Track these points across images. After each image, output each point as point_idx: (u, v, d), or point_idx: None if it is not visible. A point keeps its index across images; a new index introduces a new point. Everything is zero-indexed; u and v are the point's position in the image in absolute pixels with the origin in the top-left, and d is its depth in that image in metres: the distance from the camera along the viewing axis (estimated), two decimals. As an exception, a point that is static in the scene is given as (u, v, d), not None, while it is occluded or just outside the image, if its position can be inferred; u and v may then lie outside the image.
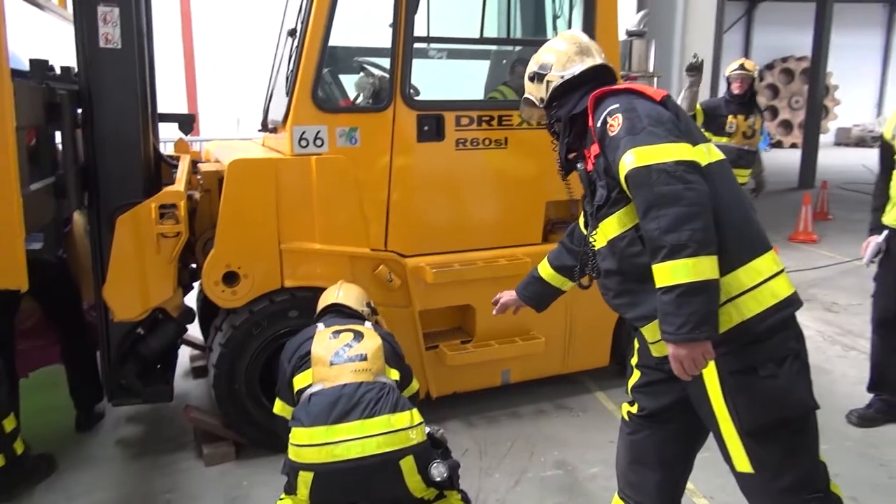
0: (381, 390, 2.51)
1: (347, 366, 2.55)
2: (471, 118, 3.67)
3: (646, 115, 1.93)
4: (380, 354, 2.63)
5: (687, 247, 1.77)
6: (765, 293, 1.91)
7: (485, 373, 3.90)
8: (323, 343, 2.65)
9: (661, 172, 1.82)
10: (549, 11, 4.65)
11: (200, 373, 4.47)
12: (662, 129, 1.90)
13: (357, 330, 2.71)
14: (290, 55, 3.60)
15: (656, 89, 2.08)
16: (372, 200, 3.55)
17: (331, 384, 2.51)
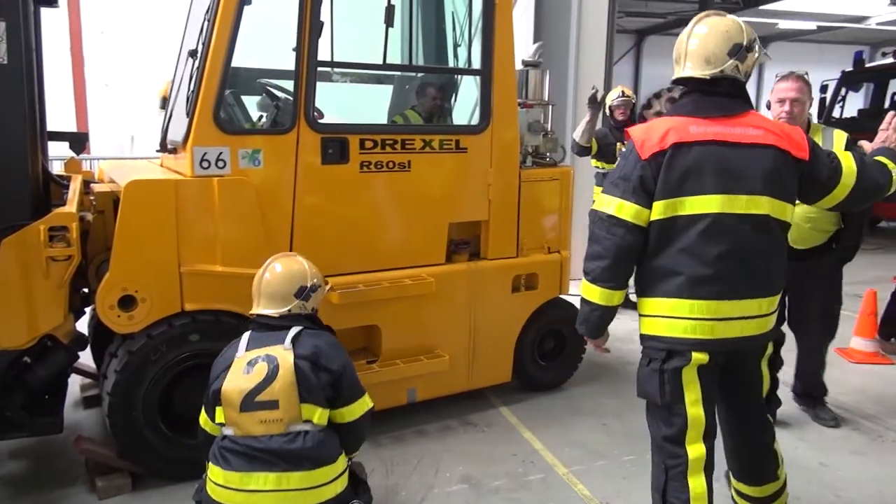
0: (295, 441, 2.36)
1: (257, 415, 2.37)
2: (375, 141, 3.74)
3: (622, 168, 2.41)
4: (293, 397, 2.38)
5: (589, 275, 2.47)
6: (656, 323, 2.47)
7: (391, 392, 3.94)
8: (235, 380, 2.44)
9: (598, 218, 2.45)
10: (449, 40, 4.83)
11: (92, 402, 4.26)
12: (621, 186, 2.39)
13: (273, 358, 2.44)
14: (191, 75, 3.56)
15: (661, 140, 2.32)
16: (276, 222, 3.55)
17: (241, 433, 2.39)
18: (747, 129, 2.36)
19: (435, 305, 4.00)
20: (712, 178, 2.30)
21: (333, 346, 2.57)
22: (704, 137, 2.32)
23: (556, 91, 5.64)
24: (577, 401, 4.52)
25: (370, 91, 5.14)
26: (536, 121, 4.43)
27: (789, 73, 3.70)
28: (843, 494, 3.43)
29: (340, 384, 2.49)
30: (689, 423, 2.41)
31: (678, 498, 2.42)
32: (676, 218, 2.33)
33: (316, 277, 2.70)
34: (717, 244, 2.32)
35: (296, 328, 2.55)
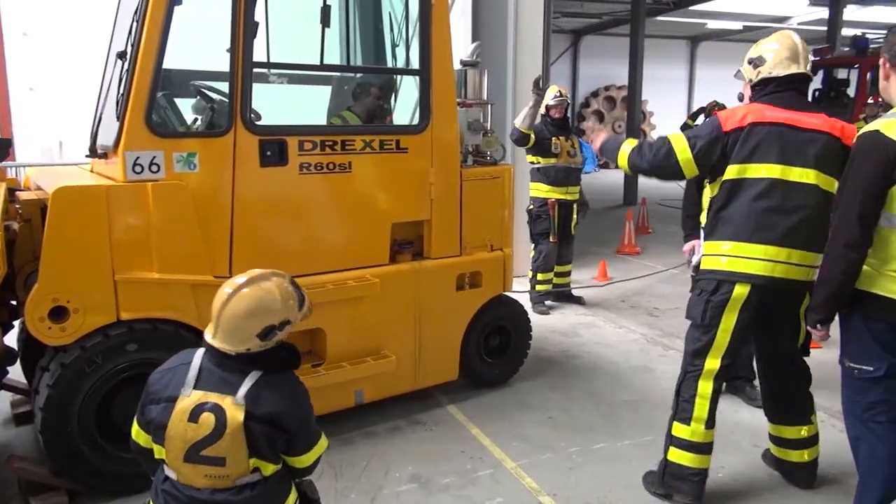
0: (241, 494, 2.14)
1: (201, 469, 2.11)
2: (314, 143, 3.71)
3: (702, 129, 3.18)
4: (241, 455, 2.11)
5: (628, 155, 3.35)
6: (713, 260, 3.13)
7: (338, 394, 3.92)
8: (179, 427, 2.10)
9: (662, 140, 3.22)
10: (387, 41, 4.83)
11: (24, 419, 4.08)
12: (691, 139, 3.11)
13: (221, 412, 2.09)
14: (121, 78, 3.45)
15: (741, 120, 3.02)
16: (214, 226, 3.47)
17: (184, 481, 2.15)
18: (811, 118, 3.01)
19: (380, 306, 3.99)
20: (776, 151, 2.95)
21: (293, 399, 2.20)
22: (776, 120, 2.97)
23: (494, 90, 5.71)
24: (524, 396, 4.59)
25: (309, 92, 5.08)
26: (476, 120, 4.47)
27: None
28: (776, 472, 3.57)
29: (296, 440, 2.21)
30: (714, 343, 3.11)
31: (687, 391, 3.20)
32: (744, 179, 2.99)
33: (288, 312, 2.20)
34: (769, 201, 2.95)
35: (254, 374, 2.13)
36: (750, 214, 2.98)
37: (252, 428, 2.09)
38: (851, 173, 2.54)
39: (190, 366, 2.15)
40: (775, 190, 2.95)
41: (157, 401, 2.15)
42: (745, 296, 3.01)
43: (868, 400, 2.63)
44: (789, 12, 19.64)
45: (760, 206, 2.97)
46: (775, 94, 3.06)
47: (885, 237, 2.50)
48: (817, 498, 3.38)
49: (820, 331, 2.75)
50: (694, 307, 3.17)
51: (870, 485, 2.68)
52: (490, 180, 4.42)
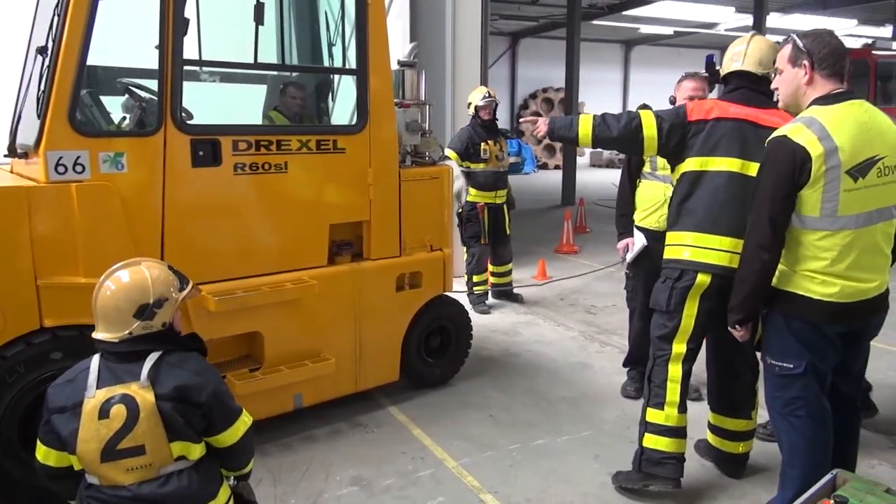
0: (168, 483, 2.12)
1: (122, 463, 2.08)
2: (249, 142, 3.63)
3: (669, 112, 3.30)
4: (160, 440, 2.09)
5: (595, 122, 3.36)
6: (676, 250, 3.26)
7: (276, 399, 3.85)
8: (90, 427, 2.07)
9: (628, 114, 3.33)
10: (324, 40, 4.78)
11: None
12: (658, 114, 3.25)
13: (131, 399, 2.08)
14: (41, 74, 3.30)
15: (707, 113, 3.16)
16: (144, 229, 3.36)
17: (107, 483, 2.10)
18: (771, 116, 3.10)
19: (318, 308, 3.94)
20: (738, 146, 3.09)
21: (199, 374, 2.19)
22: (739, 116, 3.11)
23: (432, 91, 5.72)
24: (465, 395, 4.61)
25: (244, 91, 4.98)
26: (414, 120, 4.47)
27: (692, 73, 4.30)
28: (707, 463, 3.70)
29: (211, 415, 2.18)
30: (680, 328, 3.21)
31: (658, 376, 3.29)
32: (706, 172, 3.13)
33: (162, 289, 2.22)
34: (730, 194, 3.07)
35: (153, 356, 2.14)
36: (712, 207, 3.10)
37: (163, 407, 2.08)
38: (762, 177, 2.64)
39: (88, 370, 2.14)
40: (735, 183, 3.07)
41: (62, 410, 2.11)
42: (706, 284, 3.12)
43: (788, 395, 2.73)
44: (717, 18, 20.37)
45: (721, 198, 3.09)
46: (738, 91, 3.20)
47: (796, 237, 2.61)
48: (747, 485, 3.51)
49: (740, 331, 2.80)
50: (659, 294, 3.28)
51: (790, 474, 2.80)
52: (429, 180, 4.43)
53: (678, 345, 3.24)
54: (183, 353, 2.23)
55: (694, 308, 3.18)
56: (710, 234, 3.11)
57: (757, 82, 3.19)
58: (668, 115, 3.22)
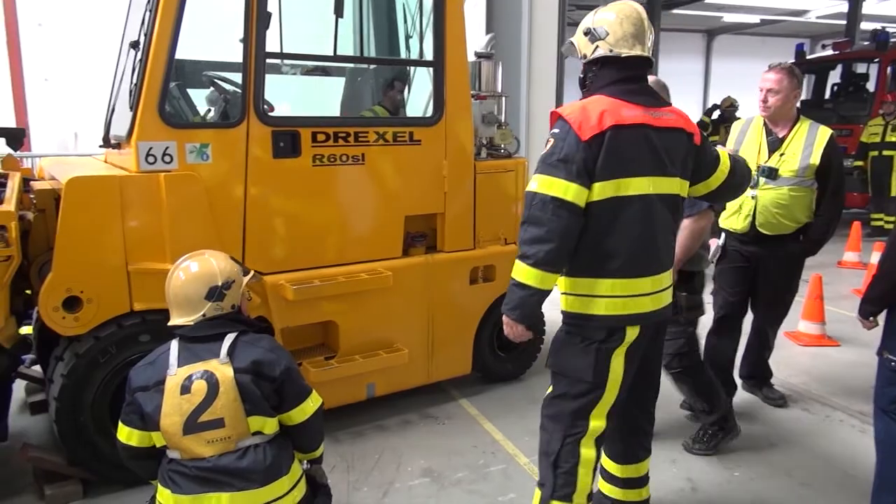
0: (245, 457, 2.23)
1: (203, 436, 2.21)
2: (327, 134, 3.68)
3: (562, 151, 2.36)
4: (238, 413, 2.22)
5: (530, 258, 2.38)
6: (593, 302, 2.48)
7: (350, 387, 3.91)
8: (173, 402, 2.22)
9: (540, 201, 2.36)
10: (401, 32, 4.79)
11: (39, 408, 4.10)
12: (563, 168, 2.34)
13: (211, 374, 2.23)
14: (134, 68, 3.44)
15: (600, 121, 2.35)
16: (227, 217, 3.47)
17: (188, 456, 2.23)
18: (663, 112, 2.50)
19: (392, 299, 3.97)
20: (647, 161, 2.43)
21: (272, 351, 2.35)
22: (637, 120, 2.40)
23: (509, 83, 5.66)
24: (536, 390, 4.55)
25: (323, 83, 5.06)
26: (490, 112, 4.43)
27: (775, 64, 3.88)
28: (795, 473, 3.53)
29: (283, 390, 2.32)
30: (602, 400, 2.54)
31: (567, 461, 2.56)
32: (615, 199, 2.40)
33: (228, 273, 2.40)
34: (647, 223, 2.45)
35: (230, 336, 2.31)
36: (631, 243, 2.43)
37: (241, 380, 2.24)
38: None
39: (169, 352, 2.31)
40: (648, 208, 2.44)
41: (144, 388, 2.28)
42: (635, 338, 2.51)
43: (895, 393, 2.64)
44: (807, 5, 19.40)
45: (638, 230, 2.43)
46: (620, 84, 2.45)
47: None
48: (839, 497, 3.33)
49: (871, 322, 2.82)
50: (574, 359, 2.53)
51: (888, 476, 2.67)
52: (504, 173, 4.39)
53: (597, 420, 2.55)
54: (255, 333, 2.41)
55: (620, 371, 2.52)
56: (637, 277, 2.46)
57: (645, 68, 2.52)
58: (567, 153, 2.34)
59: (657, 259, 2.51)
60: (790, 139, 3.83)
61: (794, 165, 3.78)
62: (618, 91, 2.43)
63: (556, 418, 2.60)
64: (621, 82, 2.45)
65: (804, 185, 3.81)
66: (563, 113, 2.42)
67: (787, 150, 3.82)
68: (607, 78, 2.46)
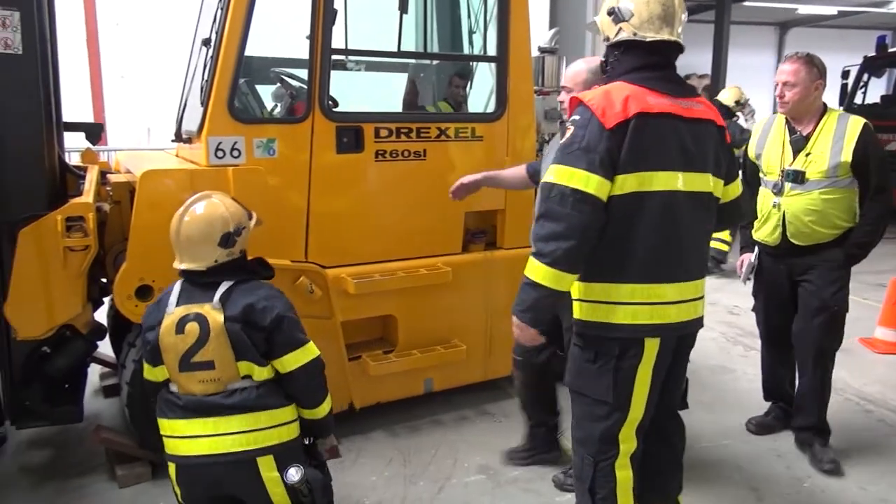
0: (232, 397, 2.33)
1: (195, 375, 2.33)
2: (389, 130, 3.71)
3: (583, 139, 2.18)
4: (228, 357, 2.31)
5: (546, 257, 2.19)
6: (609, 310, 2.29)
7: (407, 382, 3.93)
8: (169, 340, 2.34)
9: (559, 193, 2.18)
10: (465, 27, 4.78)
11: (111, 392, 4.29)
12: (585, 158, 2.16)
13: (203, 318, 2.31)
14: (205, 65, 3.55)
15: (625, 108, 2.16)
16: (291, 211, 3.53)
17: (182, 391, 2.37)
18: (693, 103, 2.32)
19: (451, 295, 3.97)
20: (675, 154, 2.24)
21: (267, 300, 2.36)
22: (664, 109, 2.22)
23: (572, 78, 5.57)
24: (595, 391, 4.48)
25: (385, 79, 5.10)
26: (553, 108, 4.38)
27: (791, 55, 3.48)
28: (870, 489, 3.37)
29: (273, 338, 2.35)
30: (628, 420, 2.35)
31: (604, 487, 2.39)
32: (637, 195, 2.20)
33: (239, 217, 2.44)
34: (672, 223, 2.24)
35: (226, 284, 2.36)
36: (656, 245, 2.23)
37: (230, 328, 2.30)
38: None
39: (171, 292, 2.42)
40: (674, 206, 2.23)
41: (151, 328, 2.41)
42: (656, 351, 2.31)
43: None
44: (890, -5, 18.44)
45: (661, 231, 2.23)
46: (644, 71, 2.26)
47: None
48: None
49: None
50: (590, 379, 2.34)
51: None
52: (566, 170, 4.32)
53: (627, 442, 2.38)
54: (255, 282, 2.44)
55: (646, 388, 2.32)
56: (661, 283, 2.26)
57: (675, 53, 2.33)
58: (587, 145, 2.16)
59: (682, 264, 2.31)
60: (816, 136, 3.36)
61: (822, 166, 3.31)
62: (640, 78, 2.24)
63: (584, 442, 2.42)
64: (645, 69, 2.26)
65: (840, 186, 3.34)
66: (584, 98, 2.24)
67: (813, 148, 3.36)
68: (629, 64, 2.28)
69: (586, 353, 2.35)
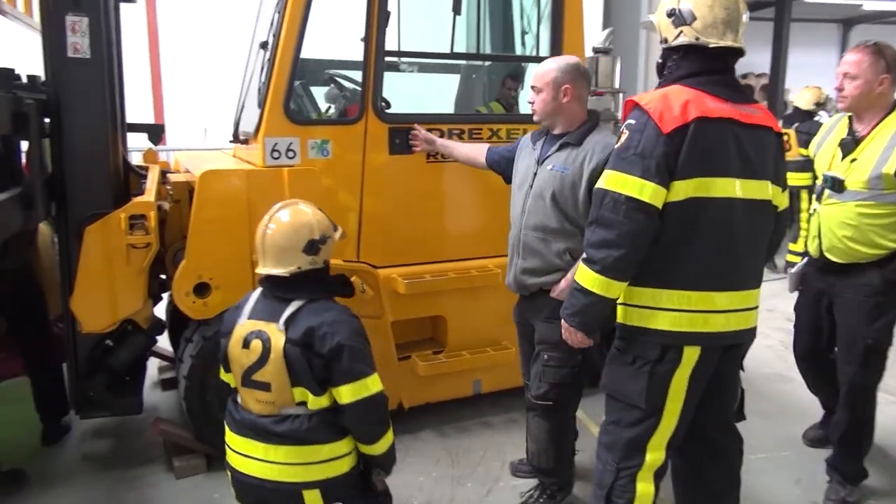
0: (282, 424, 2.24)
1: (254, 393, 2.28)
2: (441, 131, 3.72)
3: (639, 144, 2.13)
4: (284, 382, 2.23)
5: (597, 264, 2.18)
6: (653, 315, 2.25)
7: (456, 383, 3.93)
8: (236, 352, 2.31)
9: (612, 200, 2.15)
10: (517, 28, 4.76)
11: (169, 384, 4.42)
12: (640, 164, 2.11)
13: (267, 338, 2.24)
14: (262, 67, 3.62)
15: (684, 112, 2.11)
16: (344, 211, 3.57)
17: (243, 404, 2.34)
18: (752, 109, 2.25)
19: (501, 297, 3.92)
20: (734, 160, 2.18)
21: (332, 325, 2.23)
22: (724, 114, 2.16)
23: (626, 78, 5.50)
24: (646, 396, 4.40)
25: (437, 80, 5.12)
26: (607, 109, 4.33)
27: (859, 43, 3.08)
28: (935, 504, 3.22)
29: (332, 366, 2.22)
30: (659, 429, 2.30)
31: (621, 497, 2.33)
32: (693, 201, 2.14)
33: (324, 227, 2.37)
34: (728, 231, 2.19)
35: (296, 303, 2.27)
36: (711, 253, 2.18)
37: (290, 352, 2.21)
38: None
39: (249, 300, 2.38)
40: (731, 213, 2.19)
41: (226, 334, 2.37)
42: (695, 360, 2.25)
43: None
44: (964, -10, 17.58)
45: (717, 238, 2.18)
46: (704, 75, 2.20)
47: None
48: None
49: None
50: (626, 382, 2.31)
51: None
52: (619, 172, 4.26)
53: (654, 452, 2.31)
54: (327, 302, 2.33)
55: (681, 397, 2.26)
56: (711, 290, 2.21)
57: (726, 59, 2.26)
58: (643, 150, 2.11)
59: (736, 272, 2.24)
60: (870, 140, 2.98)
61: (864, 175, 2.93)
62: (698, 82, 2.18)
63: (610, 447, 2.38)
64: (704, 73, 2.20)
65: (883, 202, 2.91)
66: (640, 101, 2.18)
67: (861, 154, 2.98)
68: (688, 68, 2.22)
69: (625, 355, 2.33)
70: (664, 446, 2.32)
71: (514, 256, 3.01)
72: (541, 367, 2.92)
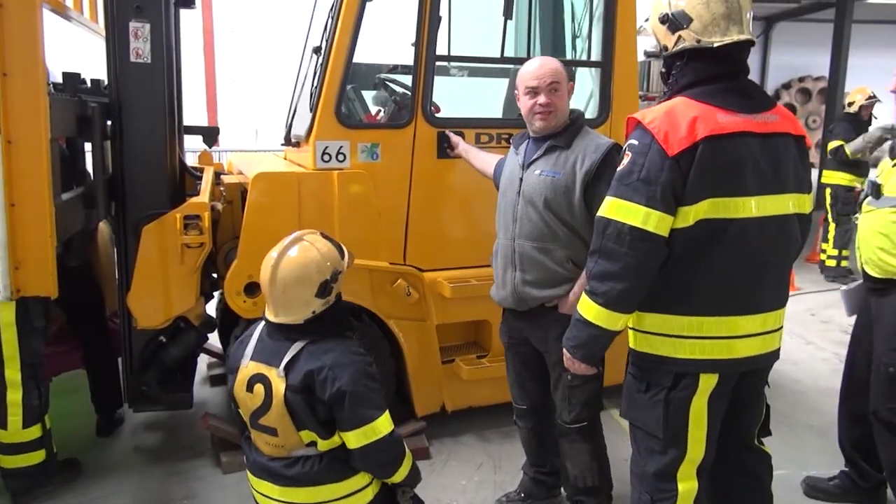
0: (293, 467, 2.16)
1: (262, 437, 2.19)
2: (490, 135, 3.72)
3: (642, 169, 1.98)
4: (289, 427, 2.12)
5: (600, 297, 2.09)
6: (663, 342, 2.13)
7: (500, 387, 3.88)
8: (241, 394, 2.20)
9: (615, 230, 2.02)
10: (568, 32, 4.72)
11: (218, 381, 4.52)
12: (644, 191, 1.97)
13: (269, 384, 2.12)
14: (315, 72, 3.67)
15: (691, 131, 1.94)
16: (392, 214, 3.60)
17: (256, 445, 2.25)
18: (767, 115, 2.05)
19: (546, 302, 3.92)
20: (750, 177, 2.00)
21: (333, 368, 2.09)
22: (737, 128, 1.97)
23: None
24: (694, 407, 4.31)
25: (486, 85, 5.11)
26: (658, 114, 4.25)
27: None
28: None
29: (335, 412, 2.10)
30: (686, 458, 2.16)
31: None
32: (706, 223, 1.99)
33: (334, 262, 2.20)
34: (747, 252, 2.03)
35: (298, 345, 2.13)
36: (727, 275, 2.04)
37: (290, 399, 2.09)
38: None
39: (252, 335, 2.25)
40: (750, 234, 2.02)
41: (232, 371, 2.28)
42: (713, 386, 2.12)
43: None
44: None
45: (738, 260, 2.03)
46: (711, 83, 2.01)
47: None
48: None
49: None
50: (642, 411, 2.19)
51: None
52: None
53: (686, 482, 2.18)
54: (330, 342, 2.17)
55: (703, 424, 2.13)
56: (727, 316, 2.06)
57: (734, 58, 2.05)
58: (647, 176, 1.96)
59: (755, 294, 2.09)
60: None
61: None
62: (705, 93, 1.99)
63: (640, 478, 2.27)
64: (711, 81, 2.00)
65: None
66: (643, 119, 2.01)
67: None
68: (693, 76, 2.02)
69: (638, 383, 2.20)
70: (695, 475, 2.20)
71: (509, 269, 2.80)
72: (567, 390, 2.75)
